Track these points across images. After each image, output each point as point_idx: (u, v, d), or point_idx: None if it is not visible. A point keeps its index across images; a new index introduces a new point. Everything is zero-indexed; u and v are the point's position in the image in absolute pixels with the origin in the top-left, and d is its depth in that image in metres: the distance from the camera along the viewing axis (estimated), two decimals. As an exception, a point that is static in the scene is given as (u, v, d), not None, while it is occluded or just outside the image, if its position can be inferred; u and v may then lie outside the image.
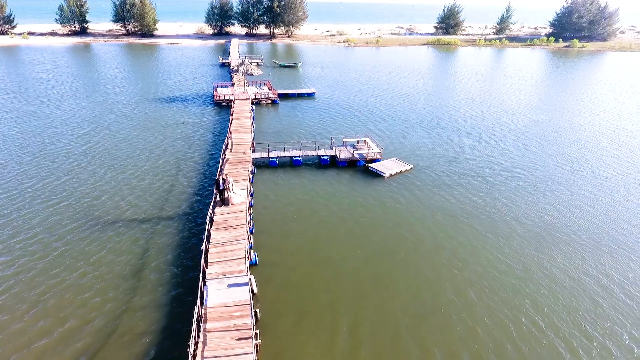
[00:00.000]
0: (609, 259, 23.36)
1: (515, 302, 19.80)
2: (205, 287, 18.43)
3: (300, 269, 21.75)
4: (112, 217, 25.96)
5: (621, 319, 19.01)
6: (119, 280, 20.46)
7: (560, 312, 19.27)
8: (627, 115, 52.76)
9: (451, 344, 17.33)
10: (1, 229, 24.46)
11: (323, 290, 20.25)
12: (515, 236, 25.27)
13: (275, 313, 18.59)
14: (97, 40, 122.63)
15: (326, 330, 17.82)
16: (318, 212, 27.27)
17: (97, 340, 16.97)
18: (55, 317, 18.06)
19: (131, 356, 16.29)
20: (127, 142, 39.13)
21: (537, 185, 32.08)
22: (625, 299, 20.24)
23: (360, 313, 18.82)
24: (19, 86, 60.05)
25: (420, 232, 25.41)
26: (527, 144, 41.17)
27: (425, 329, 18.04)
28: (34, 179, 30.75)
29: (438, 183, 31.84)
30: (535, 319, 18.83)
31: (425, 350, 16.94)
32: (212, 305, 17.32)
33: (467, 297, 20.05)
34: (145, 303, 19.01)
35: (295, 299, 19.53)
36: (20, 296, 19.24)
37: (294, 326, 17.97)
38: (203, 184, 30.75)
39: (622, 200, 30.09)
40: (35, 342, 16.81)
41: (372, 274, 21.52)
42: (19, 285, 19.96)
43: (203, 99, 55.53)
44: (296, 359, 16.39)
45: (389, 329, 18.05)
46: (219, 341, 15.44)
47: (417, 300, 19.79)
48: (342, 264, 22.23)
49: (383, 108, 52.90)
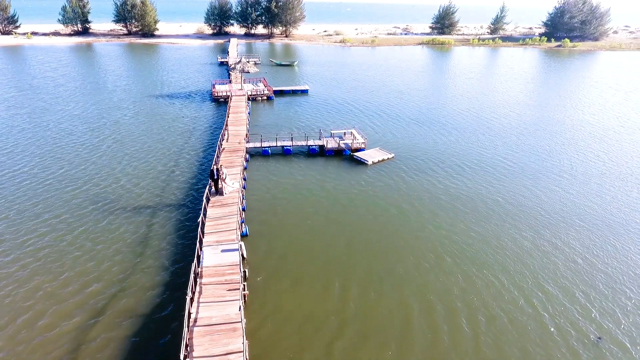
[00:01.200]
0: (573, 232, 26.12)
1: (486, 267, 22.59)
2: (202, 252, 21.26)
3: (287, 238, 24.60)
4: (123, 199, 28.80)
5: (575, 279, 21.78)
6: (130, 247, 23.28)
7: (525, 274, 22.07)
8: (608, 110, 55.48)
9: (429, 299, 20.10)
10: (29, 209, 27.30)
11: (308, 255, 23.08)
12: (492, 214, 28.08)
13: (262, 272, 21.42)
14: (99, 40, 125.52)
15: (307, 286, 20.63)
16: (306, 194, 30.11)
17: (114, 293, 19.78)
18: (79, 278, 20.89)
19: (140, 302, 19.15)
20: (133, 135, 41.96)
21: (515, 172, 34.86)
22: (582, 263, 23.03)
23: (343, 274, 21.60)
24: (29, 83, 62.86)
25: (401, 209, 28.25)
26: (509, 136, 43.94)
27: (407, 288, 20.81)
28: (53, 168, 33.59)
29: (418, 169, 34.66)
30: (502, 280, 21.62)
31: (404, 304, 19.69)
32: (207, 265, 20.15)
33: (445, 262, 22.87)
34: (151, 264, 21.86)
35: (281, 262, 22.36)
36: (56, 262, 22.08)
37: (277, 282, 20.78)
38: (201, 170, 33.57)
39: (592, 184, 32.85)
40: (69, 299, 19.66)
41: (356, 243, 24.35)
42: (52, 254, 22.80)
43: (202, 96, 58.38)
44: (277, 306, 19.21)
45: (373, 286, 20.84)
46: (212, 291, 18.28)
47: (400, 264, 22.58)
48: (327, 235, 25.04)
49: (374, 104, 55.69)
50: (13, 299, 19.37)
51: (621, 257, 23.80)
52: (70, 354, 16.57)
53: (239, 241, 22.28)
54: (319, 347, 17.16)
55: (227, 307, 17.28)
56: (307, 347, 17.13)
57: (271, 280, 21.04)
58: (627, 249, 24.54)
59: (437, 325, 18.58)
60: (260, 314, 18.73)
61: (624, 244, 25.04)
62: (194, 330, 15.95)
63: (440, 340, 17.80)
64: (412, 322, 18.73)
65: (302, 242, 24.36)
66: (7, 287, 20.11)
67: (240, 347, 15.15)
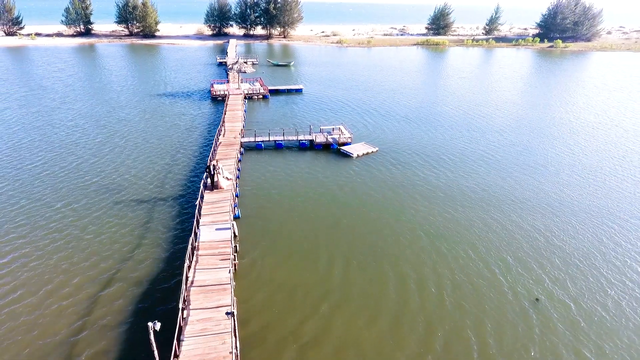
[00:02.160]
0: (539, 216, 28.93)
1: (457, 243, 25.47)
2: (199, 230, 24.17)
3: (277, 220, 27.49)
4: (131, 188, 31.71)
5: (534, 252, 24.63)
6: (137, 229, 26.19)
7: (489, 249, 24.94)
8: (589, 108, 58.26)
9: (404, 269, 22.93)
10: (50, 197, 30.25)
11: (296, 234, 25.96)
12: (466, 200, 30.95)
13: (253, 248, 24.32)
14: (101, 41, 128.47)
15: (295, 259, 23.51)
16: (295, 182, 33.01)
17: (124, 263, 22.69)
18: (94, 256, 23.83)
19: (145, 268, 22.12)
20: (138, 131, 44.88)
21: (492, 164, 37.68)
22: (542, 240, 25.88)
23: (330, 250, 24.45)
24: (38, 84, 65.83)
25: (384, 195, 31.13)
26: (491, 133, 46.73)
27: (386, 260, 23.65)
28: (68, 160, 36.54)
29: (400, 161, 37.51)
30: (469, 253, 24.48)
31: (383, 274, 22.56)
32: (203, 240, 23.05)
33: (421, 239, 25.78)
34: (154, 242, 24.77)
35: (271, 240, 25.24)
36: (72, 242, 25.02)
37: (267, 256, 23.65)
38: (199, 162, 36.47)
39: (563, 175, 35.65)
40: (87, 272, 22.59)
41: (342, 224, 27.21)
42: (70, 235, 25.75)
43: (201, 95, 61.31)
44: (267, 275, 22.09)
45: (356, 259, 23.70)
46: (207, 260, 21.19)
47: (381, 241, 25.49)
48: (314, 217, 27.89)
49: (366, 102, 58.58)
50: (37, 273, 22.28)
51: (578, 236, 26.61)
52: (87, 315, 19.46)
53: (232, 221, 25.17)
54: (304, 308, 20.01)
55: (219, 272, 20.18)
56: (294, 307, 20.01)
57: (262, 254, 23.92)
58: (584, 230, 27.35)
59: (410, 290, 21.38)
60: (250, 280, 21.63)
61: (583, 226, 27.81)
62: (190, 290, 18.87)
63: (412, 301, 20.62)
64: (388, 287, 21.55)
65: (292, 223, 27.25)
66: (30, 264, 23.01)
67: (229, 302, 18.05)
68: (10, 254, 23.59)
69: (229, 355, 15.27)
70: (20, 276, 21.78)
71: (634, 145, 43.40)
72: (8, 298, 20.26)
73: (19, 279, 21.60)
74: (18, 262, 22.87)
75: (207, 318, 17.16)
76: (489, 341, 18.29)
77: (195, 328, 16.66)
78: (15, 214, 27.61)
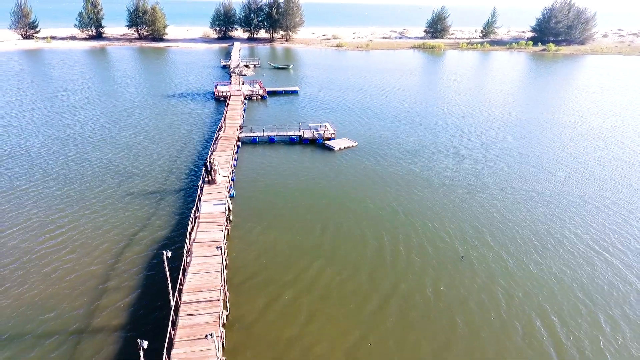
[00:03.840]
0: (501, 199, 33.97)
1: (427, 218, 30.87)
2: (200, 205, 30.01)
3: (265, 198, 33.27)
4: (141, 176, 37.66)
5: (489, 224, 30.03)
6: (147, 203, 32.10)
7: (453, 221, 30.30)
8: (566, 109, 63.40)
9: (382, 239, 28.29)
10: (81, 183, 36.32)
11: (280, 207, 31.66)
12: (439, 185, 36.37)
13: (244, 219, 30.08)
14: (112, 44, 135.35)
15: (277, 226, 29.18)
16: (283, 170, 38.77)
17: (142, 227, 28.58)
18: (120, 220, 29.77)
19: (153, 234, 27.89)
20: (151, 127, 50.97)
21: (467, 158, 42.89)
22: (498, 217, 31.19)
23: (308, 218, 30.15)
24: (61, 86, 72.21)
25: (364, 179, 36.80)
26: (470, 131, 51.99)
27: (368, 231, 29.02)
28: (97, 155, 42.68)
29: (376, 154, 43.13)
30: (436, 226, 29.90)
31: (364, 241, 27.84)
32: (203, 212, 28.86)
33: (399, 215, 31.20)
34: (163, 212, 30.64)
35: (258, 212, 30.98)
36: (90, 223, 30.98)
37: (254, 223, 29.38)
38: (202, 154, 42.36)
39: (531, 168, 40.99)
40: (102, 245, 28.55)
41: (321, 200, 32.88)
42: (88, 216, 31.73)
43: (205, 95, 67.38)
44: (251, 235, 27.84)
45: (342, 229, 29.27)
46: (205, 226, 26.99)
47: (365, 215, 31.08)
48: (301, 196, 33.55)
49: (356, 103, 64.20)
50: (56, 249, 28.19)
51: (529, 215, 31.54)
52: (104, 282, 25.29)
53: (227, 199, 30.99)
54: (286, 261, 25.68)
55: (215, 234, 25.97)
56: (276, 260, 25.70)
57: (251, 223, 29.62)
58: (536, 211, 32.38)
59: (385, 253, 26.67)
60: (240, 240, 27.40)
61: (537, 209, 32.69)
62: (193, 245, 24.69)
63: (385, 261, 25.93)
64: (367, 251, 26.84)
65: (279, 200, 32.96)
66: (49, 242, 28.97)
67: (221, 252, 23.83)
68: (56, 222, 29.60)
69: (219, 285, 21.03)
70: (67, 235, 27.74)
71: (595, 141, 48.60)
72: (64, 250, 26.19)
73: (66, 237, 27.56)
74: (62, 228, 28.86)
75: (204, 262, 22.94)
76: (441, 289, 23.88)
77: (195, 269, 22.45)
78: (60, 194, 33.68)
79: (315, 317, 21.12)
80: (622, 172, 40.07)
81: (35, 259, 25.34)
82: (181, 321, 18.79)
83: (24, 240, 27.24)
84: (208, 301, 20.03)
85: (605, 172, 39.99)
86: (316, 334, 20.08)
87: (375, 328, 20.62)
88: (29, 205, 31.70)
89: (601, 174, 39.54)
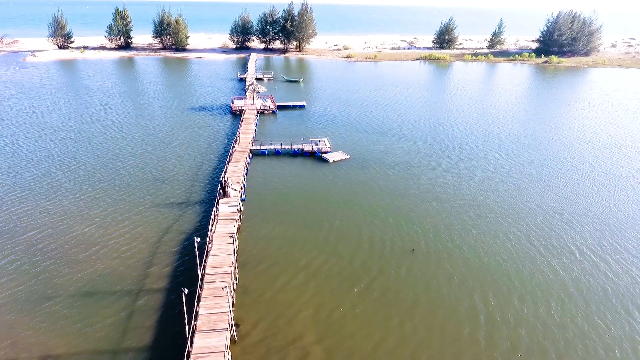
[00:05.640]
0: (470, 206, 42.36)
1: (401, 216, 39.20)
2: (218, 206, 38.98)
3: (270, 201, 42.03)
4: (167, 180, 46.96)
5: (451, 222, 38.28)
6: (179, 205, 41.25)
7: (423, 220, 38.59)
8: (548, 123, 70.76)
9: (374, 231, 36.85)
10: (114, 184, 45.85)
11: (283, 208, 40.36)
12: (417, 191, 44.72)
13: (251, 216, 38.93)
14: (139, 54, 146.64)
15: (280, 223, 37.91)
16: (287, 178, 47.50)
17: (171, 224, 37.67)
18: (155, 224, 38.98)
19: (184, 226, 36.92)
20: (174, 140, 60.56)
21: (448, 170, 50.87)
22: (469, 221, 39.38)
23: (306, 216, 38.83)
24: (103, 100, 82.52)
25: (345, 185, 45.37)
26: (456, 147, 60.12)
27: (364, 223, 37.55)
28: (124, 156, 52.37)
29: (365, 166, 51.54)
30: (403, 223, 38.24)
31: (359, 231, 36.57)
32: (221, 212, 37.82)
33: (378, 214, 39.77)
34: (192, 211, 39.73)
35: (264, 212, 39.77)
36: (129, 219, 40.29)
37: (261, 220, 38.19)
38: (220, 165, 51.44)
39: (508, 181, 49.00)
40: (153, 218, 37.78)
41: (317, 201, 41.56)
42: (128, 213, 41.08)
43: (223, 109, 76.80)
44: (257, 230, 36.62)
45: (338, 222, 38.06)
46: (222, 222, 35.90)
47: (360, 211, 39.69)
48: (298, 198, 42.29)
49: (356, 117, 72.49)
50: (117, 237, 37.47)
51: (487, 221, 39.68)
52: (152, 258, 34.34)
53: (239, 202, 39.93)
54: (289, 250, 34.39)
55: (229, 227, 34.85)
56: (280, 250, 34.41)
57: (258, 220, 38.49)
58: (491, 217, 40.59)
59: (374, 241, 35.33)
60: (248, 232, 36.26)
61: (495, 217, 40.86)
62: (213, 235, 33.64)
63: (375, 248, 34.54)
64: (362, 240, 35.60)
65: (282, 203, 41.72)
66: (115, 232, 38.27)
67: (233, 240, 32.69)
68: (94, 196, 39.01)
69: (231, 263, 29.90)
70: (101, 206, 37.05)
71: (565, 153, 56.20)
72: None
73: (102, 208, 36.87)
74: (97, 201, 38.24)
75: (221, 247, 31.84)
76: (408, 273, 32.30)
77: (215, 252, 31.34)
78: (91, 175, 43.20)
79: (306, 288, 29.73)
80: (575, 181, 47.63)
81: (103, 243, 34.64)
82: (205, 285, 27.71)
83: (97, 230, 36.62)
84: (223, 274, 28.90)
85: (562, 181, 47.62)
86: (304, 300, 28.70)
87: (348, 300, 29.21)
88: (97, 203, 41.25)
89: (557, 182, 47.20)
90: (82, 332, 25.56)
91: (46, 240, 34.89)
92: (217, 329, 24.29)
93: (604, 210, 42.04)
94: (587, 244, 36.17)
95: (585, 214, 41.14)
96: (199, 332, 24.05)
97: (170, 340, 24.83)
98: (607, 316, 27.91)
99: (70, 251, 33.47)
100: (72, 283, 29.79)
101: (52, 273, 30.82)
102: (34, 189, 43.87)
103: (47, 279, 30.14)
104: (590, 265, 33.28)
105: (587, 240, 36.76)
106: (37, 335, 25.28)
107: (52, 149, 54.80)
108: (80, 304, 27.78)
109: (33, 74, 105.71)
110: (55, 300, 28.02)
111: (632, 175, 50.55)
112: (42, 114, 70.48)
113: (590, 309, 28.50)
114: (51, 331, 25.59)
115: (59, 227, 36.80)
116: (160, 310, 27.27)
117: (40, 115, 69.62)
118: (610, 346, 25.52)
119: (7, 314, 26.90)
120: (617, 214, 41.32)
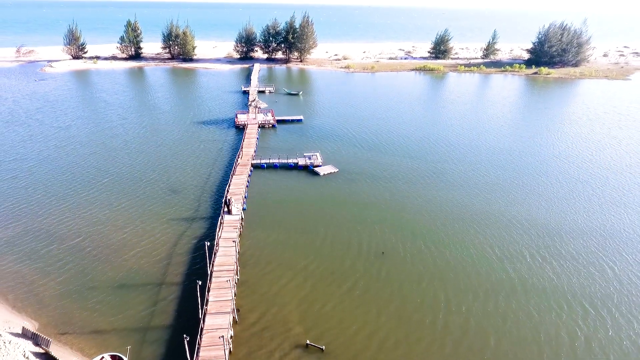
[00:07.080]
0: (451, 213, 49.82)
1: (385, 219, 46.92)
2: (223, 215, 46.72)
3: (268, 210, 49.70)
4: (180, 192, 54.80)
5: (452, 231, 45.88)
6: (187, 213, 49.05)
7: (404, 221, 46.17)
8: (523, 135, 78.16)
9: (360, 231, 44.69)
10: (130, 188, 53.79)
11: (280, 215, 48.07)
12: (402, 198, 52.31)
13: (251, 223, 46.63)
14: (148, 65, 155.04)
15: (276, 228, 45.60)
16: (282, 188, 55.25)
17: (185, 230, 45.47)
18: (169, 230, 46.81)
19: (196, 232, 44.68)
20: (183, 151, 68.54)
21: (432, 181, 58.48)
22: (439, 234, 46.99)
23: (300, 221, 46.47)
24: (120, 114, 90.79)
25: (334, 193, 53.07)
26: (436, 161, 67.58)
27: (360, 224, 45.28)
28: (138, 163, 60.34)
29: (349, 178, 59.18)
30: (385, 225, 45.94)
31: (353, 237, 44.33)
32: (226, 220, 45.58)
33: (358, 220, 47.47)
34: (201, 219, 47.52)
35: (263, 219, 47.46)
36: (161, 214, 48.18)
37: (259, 227, 45.89)
38: (225, 178, 59.19)
39: (482, 190, 56.49)
40: (169, 222, 45.66)
41: (310, 208, 49.23)
42: (141, 216, 48.98)
43: (227, 123, 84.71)
44: (257, 235, 44.31)
45: (333, 227, 45.74)
46: (227, 228, 43.66)
47: (357, 215, 47.36)
48: (292, 205, 49.96)
49: (348, 132, 79.99)
50: (134, 239, 45.29)
51: (453, 229, 47.17)
52: (169, 258, 42.12)
53: (241, 211, 47.71)
54: (287, 251, 42.07)
55: (233, 233, 42.64)
56: (277, 250, 42.09)
57: (257, 227, 46.16)
58: (458, 226, 48.08)
59: (364, 240, 43.09)
60: (249, 237, 43.94)
61: (463, 225, 48.17)
62: (219, 240, 41.41)
63: (355, 252, 42.31)
64: (357, 241, 43.37)
65: (278, 211, 49.44)
66: (129, 233, 46.14)
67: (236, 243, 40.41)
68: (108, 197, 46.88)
69: (234, 262, 37.67)
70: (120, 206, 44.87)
71: (536, 167, 63.67)
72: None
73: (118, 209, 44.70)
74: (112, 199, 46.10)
75: (226, 250, 39.62)
76: (388, 272, 39.95)
77: (221, 253, 39.07)
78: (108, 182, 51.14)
79: (297, 283, 37.37)
80: (538, 194, 54.97)
81: (131, 246, 42.51)
82: (214, 279, 35.52)
83: (112, 231, 44.50)
84: (227, 270, 36.69)
85: (527, 194, 55.01)
86: (295, 292, 36.35)
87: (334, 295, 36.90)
88: (117, 208, 49.18)
89: (523, 195, 54.61)
90: (119, 313, 33.44)
91: (89, 245, 42.85)
92: (222, 312, 32.10)
93: (559, 220, 49.30)
94: (538, 250, 43.46)
95: (543, 224, 48.36)
96: (209, 314, 31.87)
97: (188, 320, 32.68)
98: (540, 308, 35.24)
99: (106, 253, 41.42)
100: (109, 278, 37.73)
101: (94, 270, 38.75)
102: (76, 199, 51.87)
103: (92, 275, 38.10)
104: (537, 267, 40.61)
105: (540, 247, 44.02)
106: (85, 317, 33.20)
107: (83, 163, 62.87)
108: (117, 293, 35.68)
109: (53, 86, 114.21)
110: (99, 290, 35.97)
111: (592, 189, 57.56)
112: (69, 128, 78.72)
113: (529, 303, 35.83)
114: (97, 313, 33.51)
115: (94, 234, 44.79)
116: (179, 298, 35.16)
117: (67, 129, 77.83)
118: (537, 330, 32.91)
119: (63, 300, 34.88)
120: (570, 224, 48.55)
